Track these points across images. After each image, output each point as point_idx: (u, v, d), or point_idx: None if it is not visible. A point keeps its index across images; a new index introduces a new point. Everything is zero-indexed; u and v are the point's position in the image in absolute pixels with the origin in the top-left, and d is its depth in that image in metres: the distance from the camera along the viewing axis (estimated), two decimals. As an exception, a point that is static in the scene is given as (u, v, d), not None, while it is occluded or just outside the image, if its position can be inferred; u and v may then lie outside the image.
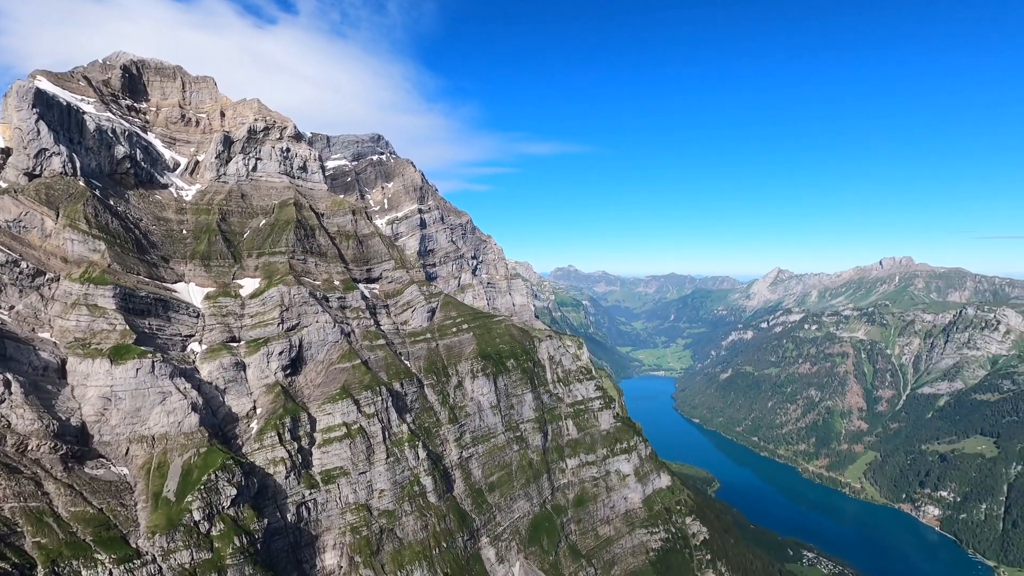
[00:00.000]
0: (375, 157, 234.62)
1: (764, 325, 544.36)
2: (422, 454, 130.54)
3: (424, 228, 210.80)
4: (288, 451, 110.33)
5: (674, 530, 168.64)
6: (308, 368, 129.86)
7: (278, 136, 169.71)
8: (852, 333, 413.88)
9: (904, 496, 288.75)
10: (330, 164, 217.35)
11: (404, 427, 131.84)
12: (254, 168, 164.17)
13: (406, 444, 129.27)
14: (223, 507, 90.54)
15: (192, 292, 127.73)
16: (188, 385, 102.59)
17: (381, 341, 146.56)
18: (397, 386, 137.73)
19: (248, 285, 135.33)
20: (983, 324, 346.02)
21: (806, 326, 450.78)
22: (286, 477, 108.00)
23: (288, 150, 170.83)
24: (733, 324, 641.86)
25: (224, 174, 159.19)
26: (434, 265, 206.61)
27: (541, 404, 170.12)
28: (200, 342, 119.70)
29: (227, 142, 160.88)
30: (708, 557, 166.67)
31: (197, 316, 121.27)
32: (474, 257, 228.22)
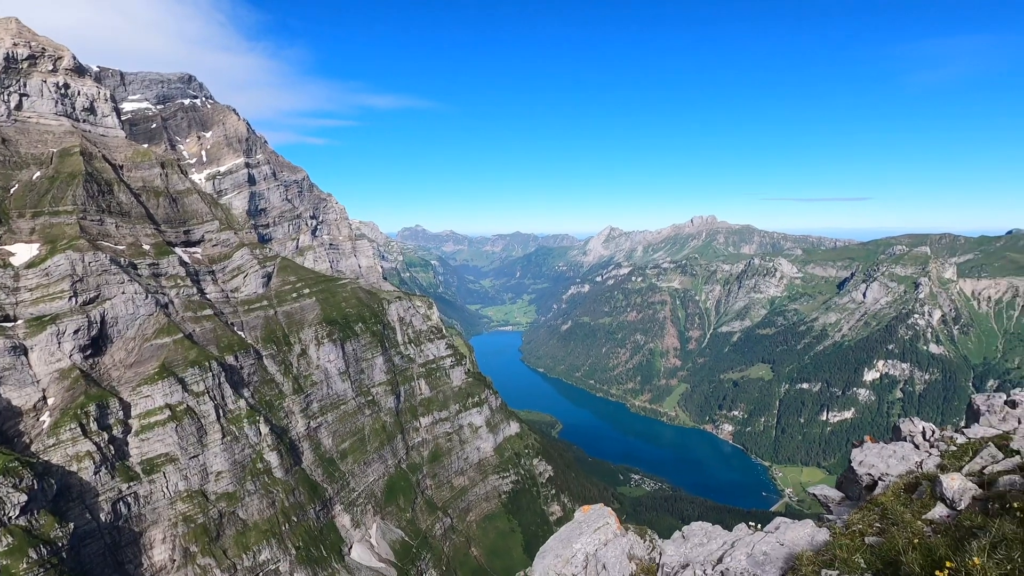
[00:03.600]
0: (186, 101, 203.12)
1: (599, 279, 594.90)
2: (264, 429, 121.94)
3: (253, 185, 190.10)
4: (96, 443, 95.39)
5: (523, 472, 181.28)
6: (116, 347, 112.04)
7: (51, 67, 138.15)
8: (669, 283, 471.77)
9: (707, 418, 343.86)
10: (127, 107, 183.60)
11: (242, 403, 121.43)
12: (18, 106, 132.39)
13: (245, 421, 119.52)
14: (10, 518, 75.94)
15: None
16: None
17: (208, 311, 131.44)
18: (231, 359, 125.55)
19: (22, 252, 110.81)
20: (765, 272, 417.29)
21: (633, 278, 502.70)
22: (95, 473, 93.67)
23: (67, 86, 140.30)
24: (572, 279, 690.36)
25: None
26: (267, 226, 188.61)
27: (393, 366, 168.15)
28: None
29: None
30: (553, 492, 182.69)
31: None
32: (313, 217, 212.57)
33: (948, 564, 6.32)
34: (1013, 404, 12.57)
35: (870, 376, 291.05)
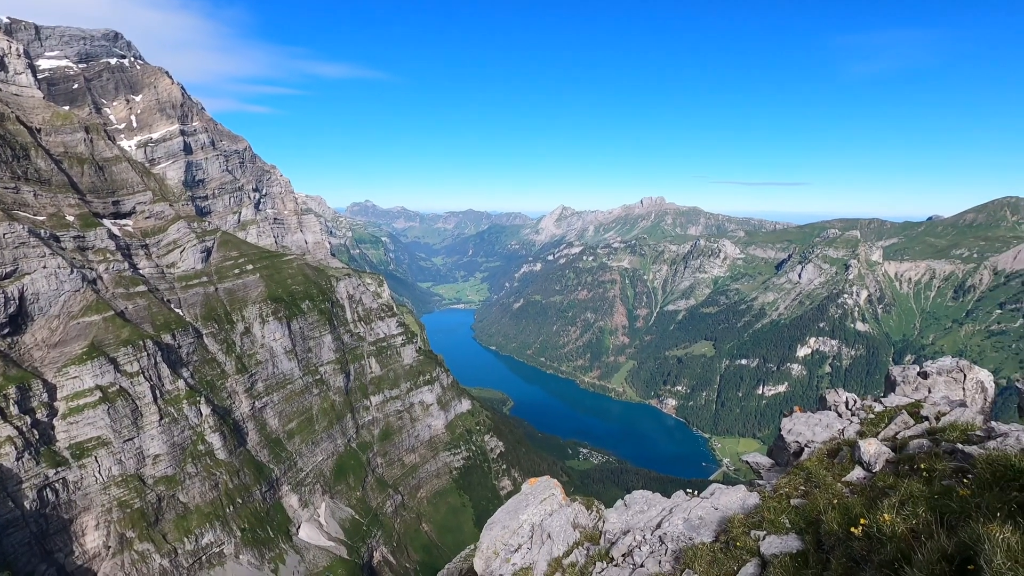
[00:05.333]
0: (113, 61, 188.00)
1: (551, 257, 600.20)
2: (205, 410, 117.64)
3: (190, 154, 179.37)
4: (18, 428, 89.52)
5: (474, 448, 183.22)
6: (38, 325, 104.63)
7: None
8: (619, 263, 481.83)
9: (653, 393, 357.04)
10: (44, 64, 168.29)
11: (180, 383, 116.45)
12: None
13: (184, 402, 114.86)
14: (-81, 508, 70.64)
15: None
16: None
17: (141, 288, 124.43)
18: (167, 338, 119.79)
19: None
20: (710, 252, 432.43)
21: (584, 258, 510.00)
22: (18, 459, 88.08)
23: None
24: (525, 257, 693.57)
25: None
26: (206, 198, 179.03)
27: (342, 344, 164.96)
28: None
29: None
30: (504, 467, 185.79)
31: None
32: (256, 190, 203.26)
33: (862, 521, 6.81)
34: (924, 375, 13.65)
35: (802, 352, 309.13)
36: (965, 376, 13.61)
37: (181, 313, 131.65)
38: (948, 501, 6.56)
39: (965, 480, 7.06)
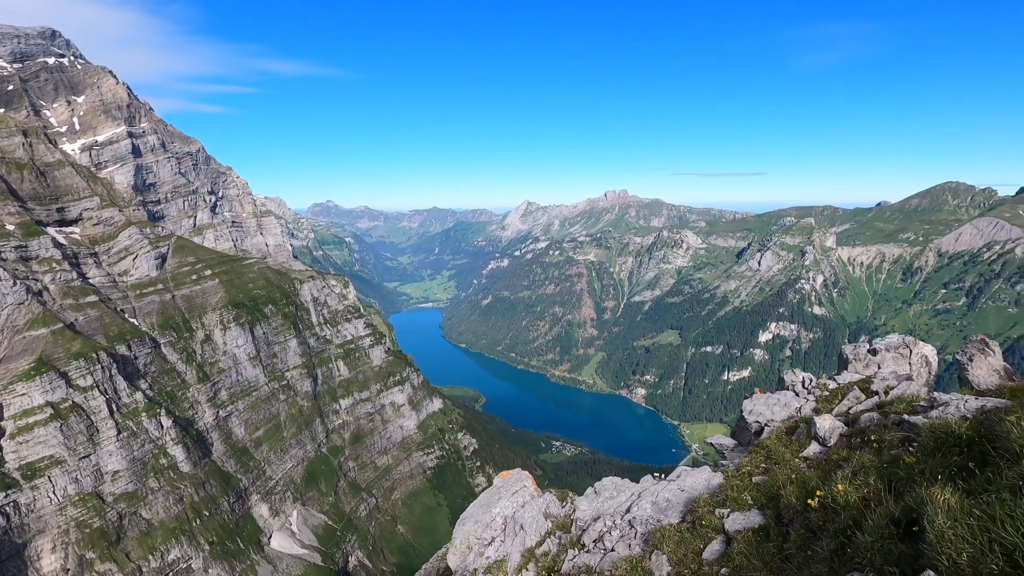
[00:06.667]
0: (51, 60, 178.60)
1: (517, 253, 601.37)
2: (166, 422, 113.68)
3: (139, 157, 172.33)
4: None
5: (448, 447, 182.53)
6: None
7: None
8: (585, 256, 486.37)
9: (622, 383, 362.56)
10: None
11: (139, 395, 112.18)
12: None
13: (144, 414, 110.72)
14: None
15: None
16: None
17: (92, 298, 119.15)
18: (122, 349, 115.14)
19: None
20: (673, 243, 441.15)
21: (551, 252, 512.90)
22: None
23: None
24: (492, 254, 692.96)
25: None
26: (159, 202, 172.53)
27: (308, 348, 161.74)
28: None
29: None
30: (478, 464, 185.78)
31: None
32: (212, 193, 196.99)
33: (818, 493, 7.11)
34: (874, 352, 14.29)
35: (764, 337, 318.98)
36: (911, 351, 14.30)
37: (136, 323, 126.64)
38: (896, 469, 6.92)
39: (911, 448, 7.43)
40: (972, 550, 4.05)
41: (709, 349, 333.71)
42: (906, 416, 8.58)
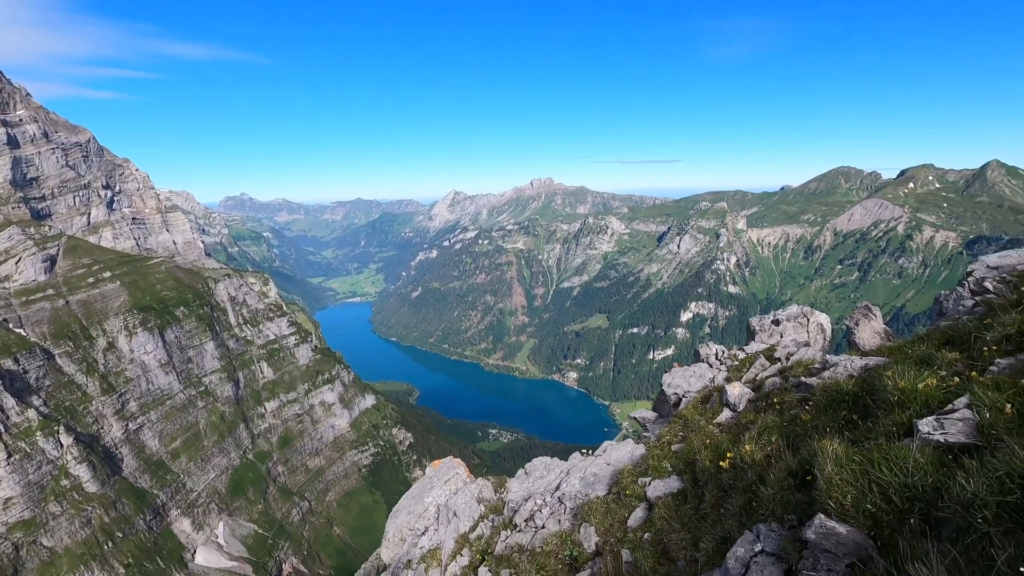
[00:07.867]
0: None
1: (446, 243, 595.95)
2: (66, 440, 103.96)
3: (16, 148, 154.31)
4: None
5: (383, 443, 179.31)
6: None
7: None
8: (514, 244, 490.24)
9: (555, 368, 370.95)
10: None
11: (31, 413, 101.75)
12: None
13: (38, 433, 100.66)
14: None
15: None
16: None
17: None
18: (8, 363, 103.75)
19: None
20: (598, 230, 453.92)
21: (480, 241, 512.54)
22: None
23: None
24: (420, 245, 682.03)
25: None
26: (43, 199, 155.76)
27: (227, 351, 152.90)
28: None
29: None
30: (415, 458, 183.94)
31: None
32: (107, 187, 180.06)
33: (729, 455, 7.61)
34: (777, 323, 15.46)
35: (685, 316, 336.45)
36: (808, 320, 15.58)
37: (24, 333, 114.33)
38: (794, 427, 7.54)
39: (807, 407, 8.10)
40: (855, 491, 4.48)
41: (635, 330, 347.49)
42: (803, 378, 9.32)
